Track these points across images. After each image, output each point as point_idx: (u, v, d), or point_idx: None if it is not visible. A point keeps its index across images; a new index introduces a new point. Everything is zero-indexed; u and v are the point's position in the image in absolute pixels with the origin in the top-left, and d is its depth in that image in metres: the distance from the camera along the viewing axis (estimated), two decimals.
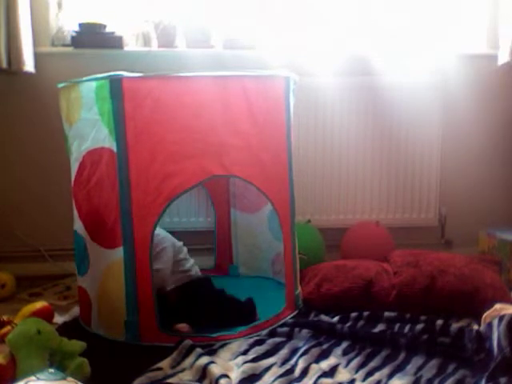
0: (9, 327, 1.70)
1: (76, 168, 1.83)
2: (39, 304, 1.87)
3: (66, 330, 1.75)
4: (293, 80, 1.95)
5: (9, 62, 2.23)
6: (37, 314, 1.78)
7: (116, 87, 1.63)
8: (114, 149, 1.66)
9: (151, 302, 1.70)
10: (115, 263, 1.72)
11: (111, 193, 1.70)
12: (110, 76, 1.65)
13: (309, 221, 2.50)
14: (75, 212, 1.87)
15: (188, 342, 1.66)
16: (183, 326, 1.80)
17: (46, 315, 1.79)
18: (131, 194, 1.67)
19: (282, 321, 1.87)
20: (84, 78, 1.74)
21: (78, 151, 1.81)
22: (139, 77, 1.67)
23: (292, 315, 1.94)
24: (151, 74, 1.70)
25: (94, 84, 1.69)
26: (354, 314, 1.91)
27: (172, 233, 2.02)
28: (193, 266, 2.00)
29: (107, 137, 1.67)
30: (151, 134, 1.67)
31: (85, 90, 1.73)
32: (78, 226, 1.85)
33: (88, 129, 1.74)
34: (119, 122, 1.65)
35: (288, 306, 1.94)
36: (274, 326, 1.83)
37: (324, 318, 1.92)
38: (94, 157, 1.74)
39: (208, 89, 1.72)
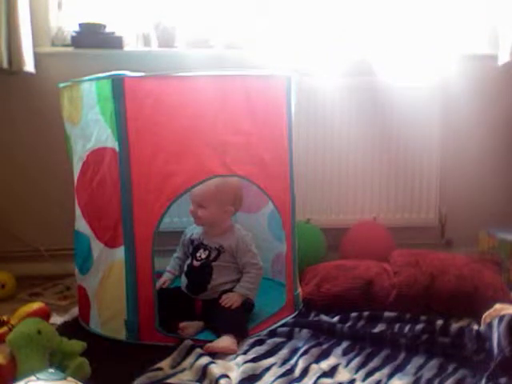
0: (5, 328, 1.69)
1: (79, 167, 1.83)
2: (36, 305, 1.84)
3: (65, 329, 1.75)
4: (294, 80, 1.94)
5: (9, 62, 2.23)
6: (33, 314, 1.75)
7: (118, 87, 1.63)
8: (116, 148, 1.67)
9: (151, 302, 1.70)
10: (116, 262, 1.72)
11: (113, 193, 1.70)
12: (111, 76, 1.65)
13: (308, 220, 2.50)
14: (78, 211, 1.87)
15: (188, 342, 1.66)
16: (186, 326, 1.79)
17: (42, 316, 1.77)
18: (133, 194, 1.67)
19: (282, 322, 1.87)
20: (86, 78, 1.74)
21: (82, 151, 1.81)
22: (140, 76, 1.67)
23: (291, 316, 1.93)
24: (152, 74, 1.69)
25: (95, 84, 1.69)
26: (353, 314, 1.91)
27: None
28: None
29: (110, 136, 1.67)
30: (152, 134, 1.67)
31: (87, 89, 1.73)
32: (81, 224, 1.85)
33: (91, 129, 1.74)
34: (121, 122, 1.64)
35: (287, 307, 1.94)
36: (272, 327, 1.83)
37: (324, 317, 1.92)
38: (97, 156, 1.74)
39: (208, 88, 1.71)
